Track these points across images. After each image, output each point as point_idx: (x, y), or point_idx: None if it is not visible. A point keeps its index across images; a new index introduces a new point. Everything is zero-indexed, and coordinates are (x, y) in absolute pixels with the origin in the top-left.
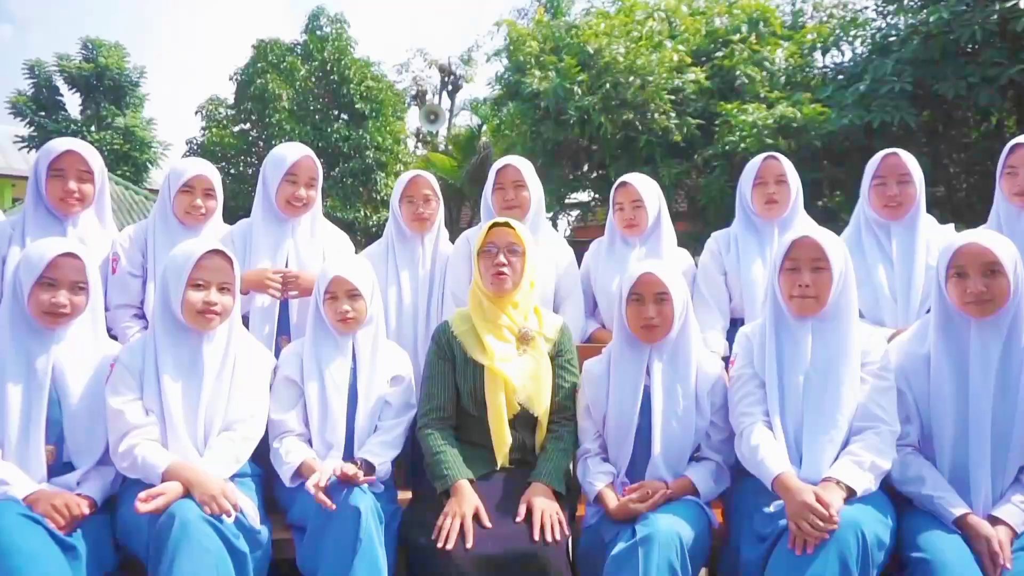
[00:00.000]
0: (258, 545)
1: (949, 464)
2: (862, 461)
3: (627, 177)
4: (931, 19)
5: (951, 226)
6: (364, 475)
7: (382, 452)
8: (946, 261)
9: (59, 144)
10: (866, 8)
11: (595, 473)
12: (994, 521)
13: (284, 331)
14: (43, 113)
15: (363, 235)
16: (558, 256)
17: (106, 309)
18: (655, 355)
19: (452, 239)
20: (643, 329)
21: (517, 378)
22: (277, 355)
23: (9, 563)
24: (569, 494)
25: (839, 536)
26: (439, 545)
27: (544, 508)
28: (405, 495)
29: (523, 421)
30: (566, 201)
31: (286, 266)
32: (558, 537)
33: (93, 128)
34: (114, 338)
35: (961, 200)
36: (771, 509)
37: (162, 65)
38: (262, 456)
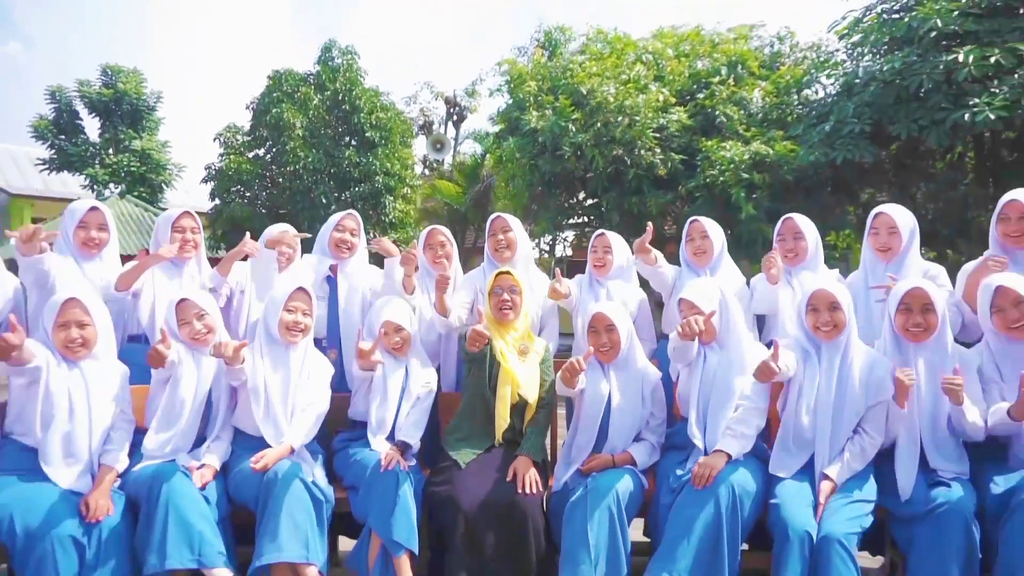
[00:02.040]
0: (327, 499)
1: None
2: (736, 433)
3: (605, 231)
4: (885, 68)
5: (836, 271)
6: (402, 453)
7: (413, 433)
8: (896, 300)
9: (175, 213)
10: (837, 51)
11: None
12: (825, 476)
13: (334, 345)
14: (63, 136)
15: (372, 257)
16: (541, 291)
17: None
18: (611, 368)
19: (460, 258)
20: (598, 351)
21: (521, 377)
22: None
23: (177, 502)
24: (544, 467)
25: (716, 487)
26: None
27: (526, 472)
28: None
29: (517, 410)
30: (565, 224)
31: (336, 294)
32: (535, 491)
33: (111, 151)
34: None
35: (928, 226)
36: (680, 472)
37: (167, 84)
38: (324, 440)
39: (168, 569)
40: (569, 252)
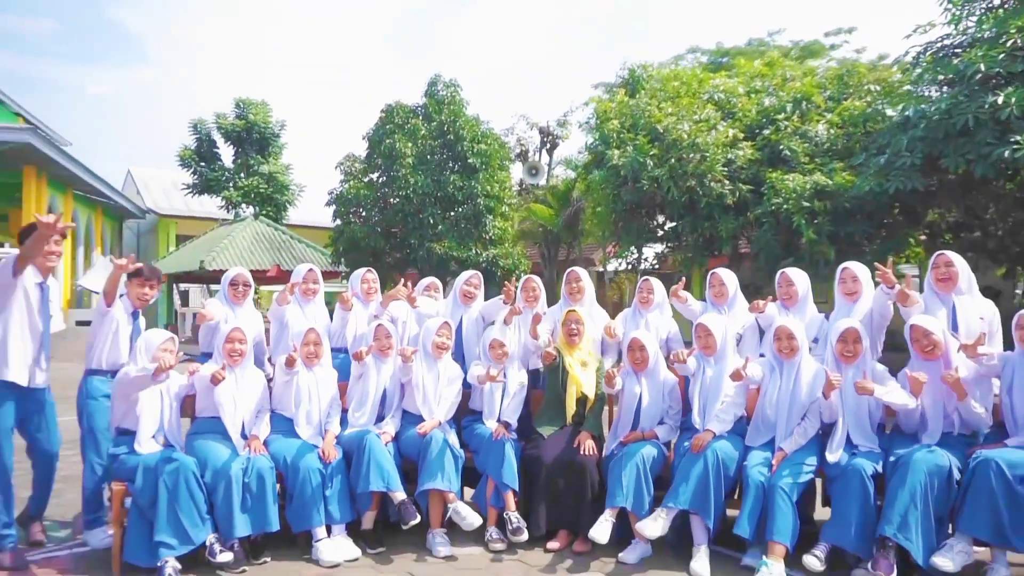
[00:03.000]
0: (460, 456)
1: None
2: (720, 418)
3: (649, 277)
4: (933, 108)
5: (822, 315)
6: (506, 428)
7: (512, 416)
8: (837, 335)
9: (362, 271)
10: (901, 83)
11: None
12: (780, 449)
13: (458, 359)
14: (204, 163)
15: (475, 269)
16: (600, 320)
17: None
18: (642, 375)
19: (553, 273)
20: (633, 363)
21: (583, 380)
22: None
23: (373, 451)
24: (600, 439)
25: (706, 452)
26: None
27: (586, 441)
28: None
29: (581, 402)
30: (645, 245)
31: (461, 328)
32: (591, 454)
33: (242, 175)
34: None
35: (997, 243)
36: (687, 444)
37: (281, 104)
38: (457, 421)
39: (369, 490)
40: (654, 264)
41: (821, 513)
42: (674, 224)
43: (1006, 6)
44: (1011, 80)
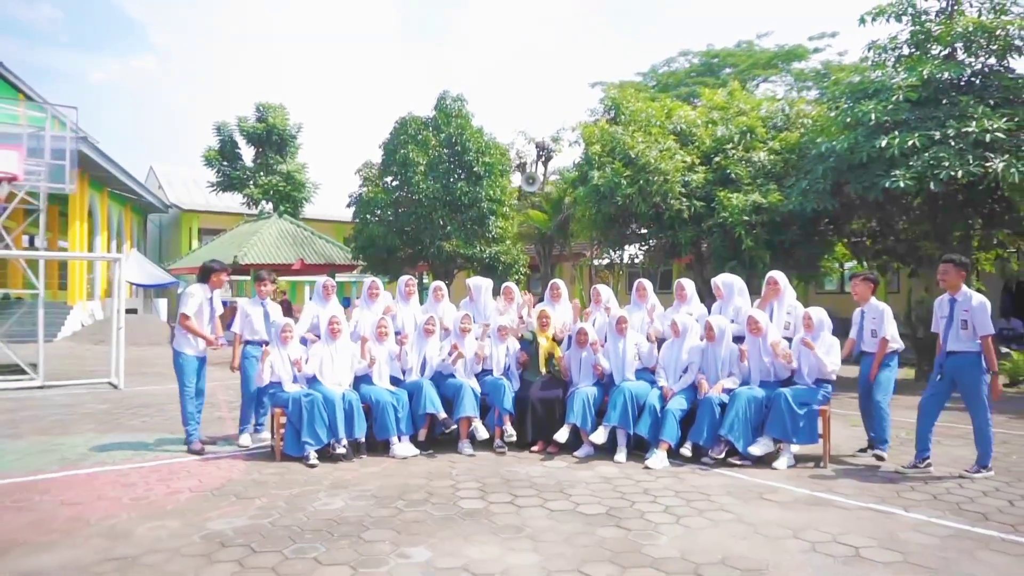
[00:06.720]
0: (478, 395)
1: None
2: (632, 370)
3: (643, 280)
4: (837, 147)
5: (703, 306)
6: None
7: (508, 366)
8: (704, 325)
9: (405, 278)
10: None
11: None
12: (671, 389)
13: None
14: (226, 163)
15: (479, 264)
16: (566, 315)
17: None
18: (583, 351)
19: (548, 268)
20: (580, 344)
21: (548, 350)
22: None
23: (427, 391)
24: (565, 384)
25: (623, 389)
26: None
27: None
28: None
29: (548, 362)
30: (620, 250)
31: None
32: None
33: (262, 174)
34: None
35: (905, 248)
36: (616, 390)
37: (290, 99)
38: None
39: (424, 412)
40: (638, 260)
41: None
42: (644, 232)
43: (913, 55)
44: (897, 126)
